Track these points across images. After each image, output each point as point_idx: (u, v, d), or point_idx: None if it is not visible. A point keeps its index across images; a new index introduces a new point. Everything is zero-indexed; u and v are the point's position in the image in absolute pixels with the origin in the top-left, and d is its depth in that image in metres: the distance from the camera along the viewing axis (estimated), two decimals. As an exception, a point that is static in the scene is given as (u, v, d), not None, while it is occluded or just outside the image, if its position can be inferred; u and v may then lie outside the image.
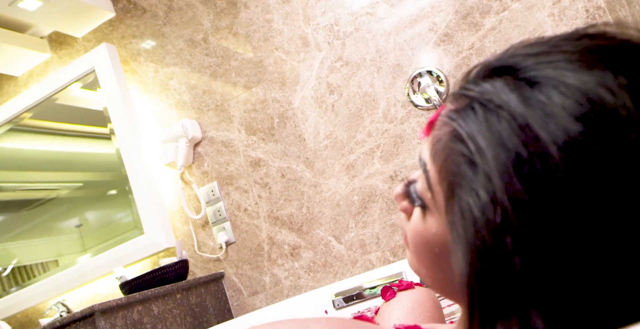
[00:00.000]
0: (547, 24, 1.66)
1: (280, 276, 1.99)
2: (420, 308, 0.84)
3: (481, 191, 0.33)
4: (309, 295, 1.80)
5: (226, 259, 2.08)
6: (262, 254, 2.02)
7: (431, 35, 1.80)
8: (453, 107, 0.39)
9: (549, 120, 0.31)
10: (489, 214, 0.32)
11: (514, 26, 1.70)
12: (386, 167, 1.84)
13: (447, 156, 0.37)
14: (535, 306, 0.31)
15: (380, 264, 1.82)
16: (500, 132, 0.33)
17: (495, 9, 1.72)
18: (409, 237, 0.44)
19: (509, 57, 0.37)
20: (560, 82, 0.32)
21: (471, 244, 0.33)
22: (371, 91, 1.88)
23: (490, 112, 0.34)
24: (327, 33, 1.95)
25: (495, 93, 0.35)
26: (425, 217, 0.41)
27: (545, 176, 0.30)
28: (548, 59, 0.35)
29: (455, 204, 0.35)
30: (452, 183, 0.36)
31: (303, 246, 1.96)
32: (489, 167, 0.32)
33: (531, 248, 0.31)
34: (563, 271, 0.30)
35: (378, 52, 1.88)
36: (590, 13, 1.62)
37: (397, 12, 1.85)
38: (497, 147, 0.32)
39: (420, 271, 0.45)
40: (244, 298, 2.04)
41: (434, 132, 0.39)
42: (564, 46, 0.35)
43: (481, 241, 0.32)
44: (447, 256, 0.39)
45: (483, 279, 0.33)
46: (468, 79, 0.40)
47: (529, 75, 0.34)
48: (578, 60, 0.33)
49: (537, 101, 0.33)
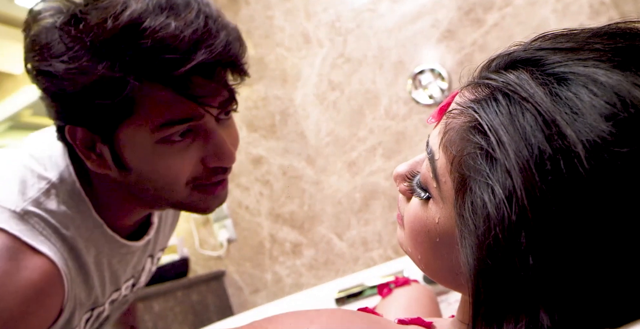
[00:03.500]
0: (550, 20, 1.65)
1: (281, 273, 1.98)
2: (417, 304, 0.84)
3: (497, 187, 0.31)
4: (310, 292, 1.79)
5: (227, 256, 2.07)
6: (264, 251, 2.01)
7: (433, 31, 1.79)
8: (472, 96, 0.37)
9: (577, 118, 0.30)
10: (504, 211, 0.31)
11: (517, 22, 1.68)
12: (388, 165, 1.83)
13: (462, 147, 0.35)
14: (544, 304, 0.30)
15: (382, 261, 1.81)
16: (524, 126, 0.31)
17: (498, 5, 1.71)
18: (407, 222, 0.43)
19: (536, 49, 0.36)
20: (591, 80, 0.31)
21: (482, 241, 0.32)
22: (373, 88, 1.87)
23: (515, 105, 0.33)
24: (328, 30, 1.93)
25: (520, 85, 0.33)
26: (428, 205, 0.40)
27: (569, 175, 0.29)
28: (578, 56, 0.33)
29: (467, 199, 0.34)
30: (465, 176, 0.34)
31: (304, 243, 1.95)
32: (509, 163, 0.31)
33: (546, 248, 0.30)
34: (576, 270, 0.30)
35: (380, 48, 1.86)
36: (594, 8, 1.61)
37: (399, 8, 1.84)
38: (519, 141, 0.31)
39: (414, 255, 0.44)
40: (245, 295, 2.04)
41: (447, 120, 0.38)
42: (595, 44, 0.34)
43: (493, 238, 0.31)
44: (447, 246, 0.38)
45: (492, 276, 0.32)
46: (489, 68, 0.38)
47: (558, 71, 0.33)
48: (610, 60, 0.32)
49: (565, 97, 0.31)
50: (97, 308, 0.77)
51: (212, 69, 0.60)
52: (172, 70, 0.57)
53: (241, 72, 0.65)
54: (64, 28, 0.58)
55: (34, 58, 0.60)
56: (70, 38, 0.57)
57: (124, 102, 0.58)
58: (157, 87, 0.58)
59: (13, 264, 0.59)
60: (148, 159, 0.63)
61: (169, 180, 0.65)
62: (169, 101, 0.59)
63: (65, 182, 0.68)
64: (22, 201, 0.64)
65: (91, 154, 0.65)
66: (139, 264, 0.84)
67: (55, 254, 0.63)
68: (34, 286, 0.60)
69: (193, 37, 0.57)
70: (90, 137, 0.63)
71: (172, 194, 0.67)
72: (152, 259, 0.90)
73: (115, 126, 0.61)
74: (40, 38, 0.59)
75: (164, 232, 0.91)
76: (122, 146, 0.62)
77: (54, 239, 0.64)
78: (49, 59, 0.58)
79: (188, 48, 0.57)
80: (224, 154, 0.65)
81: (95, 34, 0.56)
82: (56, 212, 0.66)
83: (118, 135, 0.62)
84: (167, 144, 0.62)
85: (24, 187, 0.65)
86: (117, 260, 0.76)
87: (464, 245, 0.34)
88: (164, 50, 0.56)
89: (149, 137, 0.61)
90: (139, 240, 0.79)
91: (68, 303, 0.66)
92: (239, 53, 0.64)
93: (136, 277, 0.87)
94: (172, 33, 0.56)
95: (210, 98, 0.62)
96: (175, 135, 0.62)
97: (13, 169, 0.68)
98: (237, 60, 0.63)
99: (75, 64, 0.56)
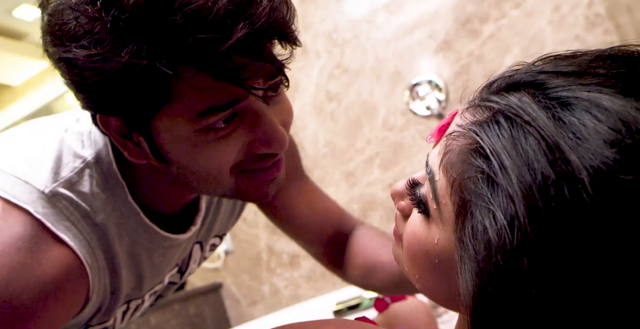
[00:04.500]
0: (546, 32, 1.66)
1: (279, 285, 1.97)
2: (414, 319, 0.84)
3: (499, 213, 0.31)
4: (308, 304, 1.78)
5: (225, 268, 2.06)
6: (261, 263, 2.00)
7: (430, 42, 1.80)
8: (473, 118, 0.36)
9: (581, 143, 0.30)
10: (506, 237, 0.30)
11: (513, 33, 1.69)
12: (386, 176, 1.83)
13: (463, 171, 0.35)
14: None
15: (381, 273, 1.80)
16: (527, 150, 0.31)
17: (494, 17, 1.72)
18: (406, 241, 0.43)
19: (538, 72, 0.36)
20: (594, 106, 0.31)
21: (482, 267, 0.32)
22: (370, 99, 1.87)
23: (517, 128, 0.32)
24: (326, 41, 1.94)
25: (523, 108, 0.33)
26: (428, 226, 0.39)
27: (573, 201, 0.29)
28: (580, 80, 0.33)
29: (468, 223, 0.33)
30: (465, 200, 0.34)
31: (302, 255, 1.94)
32: (511, 188, 0.30)
33: (548, 276, 0.29)
34: (579, 300, 0.29)
35: (377, 59, 1.87)
36: (590, 20, 1.62)
37: (396, 19, 1.85)
38: (522, 166, 0.31)
39: (411, 274, 0.44)
40: (242, 308, 2.02)
41: (448, 141, 0.37)
42: (598, 68, 0.34)
43: (494, 265, 0.31)
44: (446, 267, 0.37)
45: (492, 304, 0.32)
46: (489, 90, 0.38)
47: (561, 95, 0.33)
48: (613, 85, 0.32)
49: (568, 122, 0.31)
50: (133, 301, 0.72)
51: (255, 45, 0.51)
52: (208, 52, 0.49)
53: (291, 41, 0.54)
54: (80, 7, 0.50)
55: (52, 42, 0.53)
56: (88, 18, 0.50)
57: (156, 90, 0.51)
58: (192, 71, 0.50)
59: (32, 257, 0.55)
60: (189, 150, 0.56)
61: (213, 171, 0.58)
62: (208, 86, 0.51)
63: (101, 162, 0.62)
64: (52, 182, 0.58)
65: (128, 143, 0.58)
66: (184, 253, 0.77)
67: (81, 243, 0.58)
68: (53, 281, 0.56)
69: (230, 8, 0.48)
70: (125, 127, 0.57)
71: (218, 186, 0.60)
72: (202, 246, 0.81)
73: (151, 116, 0.54)
74: (57, 19, 0.52)
75: (220, 218, 0.82)
76: (160, 136, 0.56)
77: (82, 225, 0.59)
78: (68, 44, 0.50)
79: (225, 23, 0.48)
80: (273, 140, 0.57)
81: (115, 11, 0.49)
82: (87, 195, 0.60)
83: (155, 124, 0.55)
84: (210, 132, 0.54)
85: (58, 165, 0.59)
86: (160, 254, 0.69)
87: (464, 271, 0.34)
88: (197, 27, 0.48)
89: (189, 127, 0.54)
90: (185, 232, 0.71)
91: (94, 295, 0.61)
92: (287, 19, 0.53)
93: (181, 265, 0.80)
94: (204, 4, 0.47)
95: (255, 78, 0.53)
96: (219, 122, 0.54)
97: (51, 144, 0.62)
98: (286, 28, 0.53)
99: (96, 49, 0.49)
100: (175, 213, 0.71)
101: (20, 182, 0.57)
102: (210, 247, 0.86)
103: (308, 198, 0.88)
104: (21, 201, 0.56)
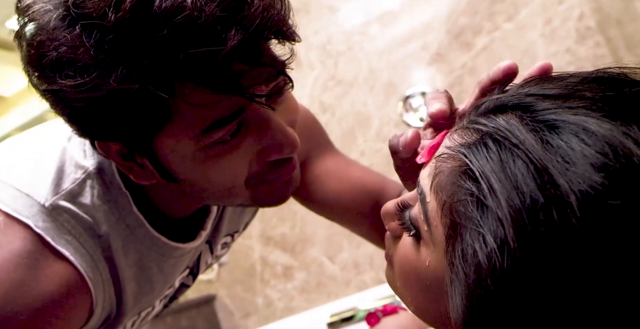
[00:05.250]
0: (538, 44, 1.68)
1: (273, 297, 1.96)
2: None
3: (489, 236, 0.31)
4: (302, 316, 1.77)
5: (218, 280, 2.05)
6: (255, 275, 1.99)
7: (424, 54, 1.81)
8: (462, 140, 0.37)
9: (569, 167, 0.30)
10: (496, 260, 0.30)
11: (505, 46, 1.71)
12: (380, 187, 1.84)
13: (453, 193, 0.34)
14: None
15: (374, 284, 1.79)
16: (516, 173, 0.31)
17: (487, 29, 1.74)
18: (397, 263, 0.43)
19: (525, 95, 0.36)
20: (582, 129, 0.31)
21: (472, 290, 0.31)
22: (364, 110, 1.88)
23: (505, 151, 0.32)
24: (319, 52, 1.95)
25: (511, 130, 0.33)
26: (419, 248, 0.39)
27: (562, 225, 0.29)
28: (568, 103, 0.33)
29: (458, 246, 0.33)
30: (456, 223, 0.34)
31: (296, 266, 1.93)
32: (501, 211, 0.30)
33: (538, 300, 0.29)
34: (566, 322, 0.29)
35: (371, 71, 1.88)
36: (580, 33, 1.64)
37: (389, 31, 1.86)
38: (511, 190, 0.30)
39: (404, 296, 0.43)
40: (235, 320, 2.01)
41: (438, 163, 0.37)
42: (584, 91, 0.34)
43: (483, 288, 0.31)
44: (438, 289, 0.37)
45: (481, 326, 0.31)
46: (477, 112, 0.38)
47: (548, 118, 0.33)
48: (600, 109, 0.32)
49: (556, 145, 0.31)
50: (143, 311, 0.70)
51: (252, 49, 0.48)
52: (203, 65, 0.45)
53: (290, 38, 0.51)
54: (58, 35, 0.46)
55: (35, 74, 0.49)
56: (68, 47, 0.46)
57: (154, 112, 0.48)
58: (189, 87, 0.47)
59: (31, 274, 0.53)
60: (198, 168, 0.53)
61: (227, 185, 0.55)
62: (209, 101, 0.48)
63: (103, 173, 0.59)
64: (53, 194, 0.56)
65: (132, 165, 0.55)
66: (194, 255, 0.74)
67: (82, 257, 0.56)
68: (52, 299, 0.54)
69: (219, 14, 0.44)
70: (126, 149, 0.54)
71: (234, 198, 0.58)
72: (211, 246, 0.78)
73: (152, 138, 0.51)
74: (36, 50, 0.48)
75: (227, 216, 0.78)
76: (165, 156, 0.53)
77: (85, 238, 0.57)
78: (52, 75, 0.47)
79: (216, 30, 0.44)
80: (284, 145, 0.54)
81: (97, 34, 0.45)
82: (89, 207, 0.58)
83: (157, 145, 0.52)
84: (217, 146, 0.51)
85: (59, 177, 0.57)
86: (171, 264, 0.67)
87: (454, 293, 0.34)
88: (187, 40, 0.44)
89: (195, 145, 0.51)
90: (195, 239, 0.68)
91: (98, 309, 0.59)
92: (282, 15, 0.49)
93: (192, 266, 0.77)
94: (191, 14, 0.43)
95: (257, 86, 0.49)
96: (225, 136, 0.51)
97: (53, 154, 0.59)
98: (283, 25, 0.49)
99: (82, 77, 0.45)
100: (185, 217, 0.69)
101: (21, 195, 0.56)
102: (222, 246, 0.82)
103: (339, 174, 0.82)
104: (22, 215, 0.55)
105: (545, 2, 1.68)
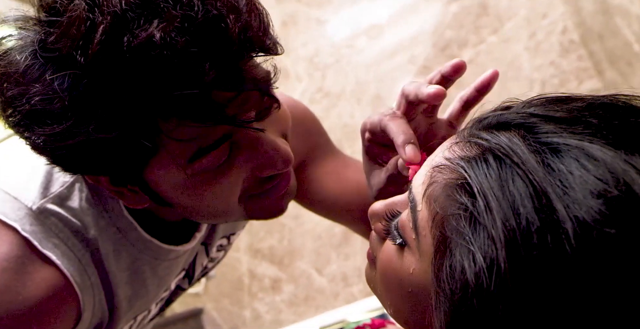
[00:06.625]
0: (523, 57, 1.70)
1: (260, 310, 1.94)
2: None
3: (479, 255, 0.30)
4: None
5: (206, 293, 2.03)
6: (242, 288, 1.97)
7: (410, 67, 1.83)
8: (462, 152, 0.36)
9: (568, 191, 0.29)
10: (484, 280, 0.29)
11: (491, 59, 1.73)
12: (368, 198, 1.84)
13: (446, 205, 0.34)
14: None
15: (363, 296, 1.79)
16: (514, 193, 0.30)
17: (472, 42, 1.76)
18: (380, 265, 0.42)
19: (530, 115, 0.35)
20: (584, 155, 0.30)
21: (457, 307, 0.31)
22: (352, 122, 1.88)
23: (506, 169, 0.32)
24: (307, 64, 1.96)
25: (513, 149, 0.32)
26: (404, 254, 0.38)
27: (555, 251, 0.28)
28: (572, 128, 0.33)
29: (446, 261, 0.32)
30: (446, 236, 0.33)
31: (284, 279, 1.92)
32: (495, 231, 0.30)
33: (521, 323, 0.29)
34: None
35: (358, 83, 1.89)
36: (564, 47, 1.66)
37: (376, 44, 1.88)
38: (508, 209, 0.30)
39: (383, 300, 0.43)
40: (223, 333, 1.99)
41: (433, 173, 0.37)
42: (589, 117, 0.33)
43: (468, 306, 0.30)
44: (419, 298, 0.37)
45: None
46: (479, 125, 0.37)
47: (550, 141, 0.32)
48: (604, 137, 0.31)
49: (557, 169, 0.30)
50: (139, 315, 0.69)
51: (233, 75, 0.45)
52: (182, 102, 0.43)
53: (271, 51, 0.48)
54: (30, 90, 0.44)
55: (12, 124, 0.48)
56: (42, 96, 0.44)
57: (137, 150, 0.47)
58: (173, 122, 0.45)
59: (17, 278, 0.52)
60: (190, 194, 0.52)
61: (221, 207, 0.55)
62: (195, 133, 0.46)
63: None
64: (41, 198, 0.55)
65: (124, 190, 0.54)
66: (190, 257, 0.73)
67: (70, 261, 0.55)
68: (38, 304, 0.53)
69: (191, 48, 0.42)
70: (116, 180, 0.53)
71: (229, 216, 0.58)
72: (207, 247, 0.76)
73: (140, 170, 0.51)
74: (9, 105, 0.46)
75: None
76: (156, 185, 0.53)
77: (73, 242, 0.56)
78: (28, 124, 0.46)
79: (190, 65, 0.42)
80: (277, 160, 0.52)
81: (69, 79, 0.43)
82: (77, 211, 0.57)
83: (147, 175, 0.52)
84: (208, 171, 0.50)
85: (48, 180, 0.57)
86: (165, 267, 0.66)
87: (439, 309, 0.33)
88: (161, 78, 0.42)
89: (183, 173, 0.50)
90: (189, 241, 0.67)
91: (86, 313, 0.58)
92: (261, 31, 0.46)
93: (188, 268, 0.75)
94: (161, 51, 0.41)
95: (243, 112, 0.48)
96: (215, 162, 0.50)
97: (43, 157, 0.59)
98: (261, 42, 0.47)
99: (60, 125, 0.44)
100: (180, 220, 0.67)
101: (10, 198, 0.55)
102: (218, 248, 0.80)
103: (337, 175, 0.81)
104: (9, 218, 0.54)
105: (529, 16, 1.71)
